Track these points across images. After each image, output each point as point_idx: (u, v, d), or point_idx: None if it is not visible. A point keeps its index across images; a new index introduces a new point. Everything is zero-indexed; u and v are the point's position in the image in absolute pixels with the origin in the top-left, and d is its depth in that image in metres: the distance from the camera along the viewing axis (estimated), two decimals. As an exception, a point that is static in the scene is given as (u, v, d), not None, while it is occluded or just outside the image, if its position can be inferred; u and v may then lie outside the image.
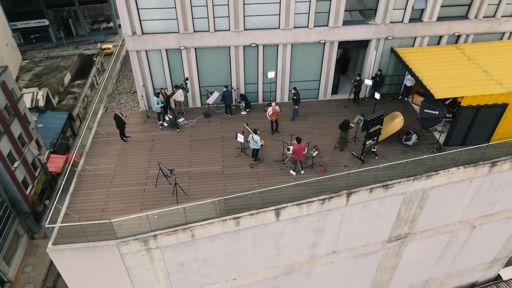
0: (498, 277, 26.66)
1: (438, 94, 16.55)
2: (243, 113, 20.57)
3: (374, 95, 21.12)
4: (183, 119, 19.92)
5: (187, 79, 19.05)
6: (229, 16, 18.19)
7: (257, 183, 16.62)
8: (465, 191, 18.67)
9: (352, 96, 21.31)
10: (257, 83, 20.75)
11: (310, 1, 18.11)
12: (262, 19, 18.55)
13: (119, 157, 17.90)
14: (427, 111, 17.07)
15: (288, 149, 17.02)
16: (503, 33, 20.78)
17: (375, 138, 17.29)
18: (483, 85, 17.06)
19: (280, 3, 18.02)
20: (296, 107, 19.74)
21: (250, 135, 16.90)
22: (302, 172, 17.03)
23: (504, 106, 17.10)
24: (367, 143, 17.14)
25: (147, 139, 18.95)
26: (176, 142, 18.77)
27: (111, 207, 15.56)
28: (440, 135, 18.63)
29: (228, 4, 17.84)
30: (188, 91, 19.46)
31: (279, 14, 18.40)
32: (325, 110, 20.98)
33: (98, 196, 16.03)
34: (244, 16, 18.16)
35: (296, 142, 16.30)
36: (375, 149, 17.60)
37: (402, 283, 23.74)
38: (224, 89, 19.52)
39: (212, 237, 15.45)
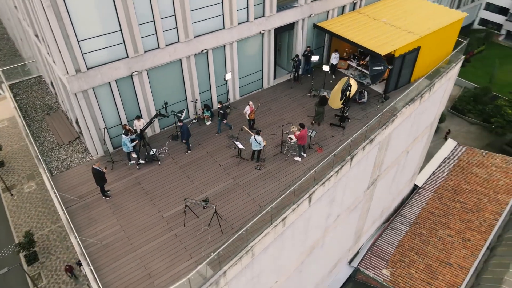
0: (415, 187, 33.17)
1: (382, 51, 19.40)
2: (208, 123, 19.67)
3: (308, 71, 23.09)
4: (155, 149, 17.87)
5: (166, 103, 17.02)
6: (177, 27, 16.91)
7: (276, 180, 16.65)
8: (408, 125, 22.63)
9: (292, 75, 22.69)
10: (210, 89, 20.02)
11: (247, -4, 18.35)
12: (208, 23, 17.88)
13: (117, 216, 15.13)
14: (375, 68, 19.82)
15: (291, 138, 17.42)
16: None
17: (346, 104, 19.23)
18: (401, 37, 20.70)
19: (222, 2, 17.68)
20: (225, 121, 18.92)
21: (252, 137, 16.59)
22: (305, 155, 17.78)
23: (418, 49, 21.21)
24: (344, 111, 18.97)
25: (133, 184, 16.44)
26: (167, 175, 16.87)
27: (154, 269, 13.36)
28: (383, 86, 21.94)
29: (175, 14, 16.55)
30: (168, 117, 17.44)
31: (223, 14, 18.06)
32: (277, 95, 21.84)
33: (129, 265, 13.46)
34: (192, 23, 17.16)
35: (296, 129, 16.87)
36: (347, 114, 19.57)
37: (369, 222, 27.34)
38: (180, 124, 17.36)
39: (265, 249, 15.02)
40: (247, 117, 18.66)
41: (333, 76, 22.96)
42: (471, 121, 46.16)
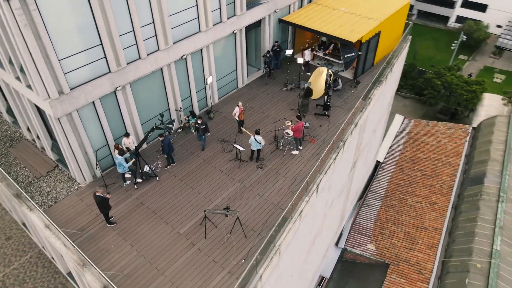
0: (377, 163, 35.29)
1: (353, 39, 20.28)
2: (194, 130, 19.06)
3: (277, 65, 23.41)
4: (146, 166, 16.89)
5: (162, 115, 16.01)
6: (156, 35, 16.09)
7: (282, 176, 16.73)
8: (377, 106, 23.95)
9: (265, 72, 22.78)
10: (191, 96, 19.39)
11: (219, -4, 18.02)
12: (185, 28, 17.25)
13: (130, 241, 14.11)
14: (347, 55, 20.67)
15: (288, 133, 17.52)
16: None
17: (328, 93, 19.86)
18: (364, 23, 21.81)
19: (197, 5, 17.17)
20: (209, 133, 18.08)
21: (252, 137, 16.43)
22: (301, 147, 18.05)
23: (379, 34, 22.52)
24: (326, 100, 19.56)
25: (136, 206, 15.42)
26: (169, 189, 16.08)
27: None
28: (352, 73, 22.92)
29: (153, 22, 15.72)
30: (165, 130, 16.43)
31: (198, 17, 17.54)
32: (254, 93, 21.81)
33: (160, 290, 12.69)
34: (170, 29, 16.43)
35: (291, 123, 17.05)
36: (329, 102, 20.19)
37: (349, 203, 28.59)
38: (160, 138, 16.28)
39: (287, 246, 15.06)
40: (236, 118, 18.41)
41: (308, 73, 23.25)
42: (404, 95, 50.06)
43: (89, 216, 14.99)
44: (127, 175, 16.42)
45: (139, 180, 16.21)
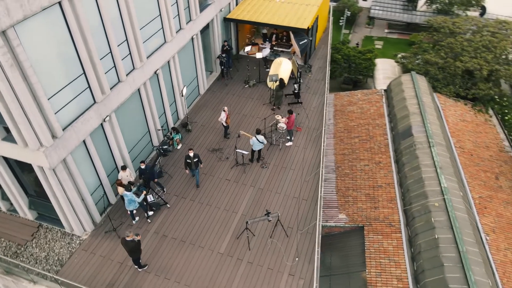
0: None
1: (304, 26, 21.10)
2: (179, 146, 17.91)
3: (229, 65, 23.29)
4: (150, 195, 15.42)
5: (171, 133, 14.40)
6: (130, 52, 14.60)
7: (289, 169, 16.93)
8: (327, 85, 25.45)
9: (221, 73, 22.31)
10: (165, 112, 18.10)
11: (177, 2, 17.00)
12: (153, 41, 15.96)
13: (174, 279, 12.84)
14: (301, 42, 21.44)
15: (282, 127, 17.58)
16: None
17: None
18: (306, 10, 22.84)
19: (160, 14, 15.99)
20: (202, 165, 16.03)
21: (253, 138, 16.14)
22: (292, 138, 18.37)
23: (317, 19, 23.81)
24: (296, 89, 20.16)
25: (159, 240, 14.01)
26: (186, 213, 14.97)
27: (259, 303, 12.28)
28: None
29: (127, 39, 14.22)
30: (171, 151, 14.87)
31: (163, 27, 16.35)
32: (219, 96, 21.25)
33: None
34: (142, 43, 15.04)
35: (282, 117, 17.27)
36: (299, 90, 20.79)
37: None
38: (142, 166, 14.61)
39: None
40: (223, 123, 17.81)
41: (267, 69, 23.18)
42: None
43: (112, 267, 13.18)
44: (134, 211, 14.78)
45: (150, 213, 14.73)
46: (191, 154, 15.07)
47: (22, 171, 13.77)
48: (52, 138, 11.59)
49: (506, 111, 28.01)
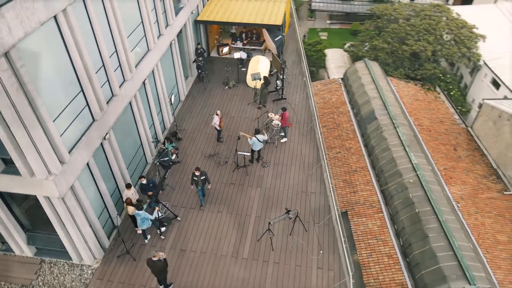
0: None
1: (278, 22, 21.20)
2: (174, 157, 17.22)
3: (204, 68, 22.91)
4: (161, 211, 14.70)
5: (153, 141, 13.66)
6: (120, 64, 13.77)
7: (291, 165, 16.95)
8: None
9: (198, 76, 21.80)
10: (153, 122, 17.33)
11: (155, 7, 16.28)
12: (139, 50, 15.19)
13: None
14: (276, 39, 21.53)
15: (277, 124, 17.53)
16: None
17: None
18: (275, 6, 22.98)
19: (142, 21, 15.23)
20: (210, 185, 15.26)
21: (254, 138, 15.96)
22: (286, 134, 18.44)
23: (285, 14, 24.02)
24: (278, 85, 20.27)
25: (178, 256, 13.43)
26: (199, 224, 14.49)
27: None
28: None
29: (116, 50, 13.39)
30: (179, 162, 14.11)
31: (145, 34, 15.60)
32: (201, 100, 20.75)
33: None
34: (130, 52, 14.24)
35: (275, 115, 17.30)
36: (280, 86, 20.88)
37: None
38: (143, 181, 13.97)
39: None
40: (217, 127, 17.42)
41: (243, 69, 22.87)
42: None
43: (135, 292, 12.45)
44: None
45: (163, 229, 14.05)
46: (197, 173, 14.25)
47: (18, 205, 12.49)
48: (61, 163, 10.63)
49: (451, 87, 30.39)
